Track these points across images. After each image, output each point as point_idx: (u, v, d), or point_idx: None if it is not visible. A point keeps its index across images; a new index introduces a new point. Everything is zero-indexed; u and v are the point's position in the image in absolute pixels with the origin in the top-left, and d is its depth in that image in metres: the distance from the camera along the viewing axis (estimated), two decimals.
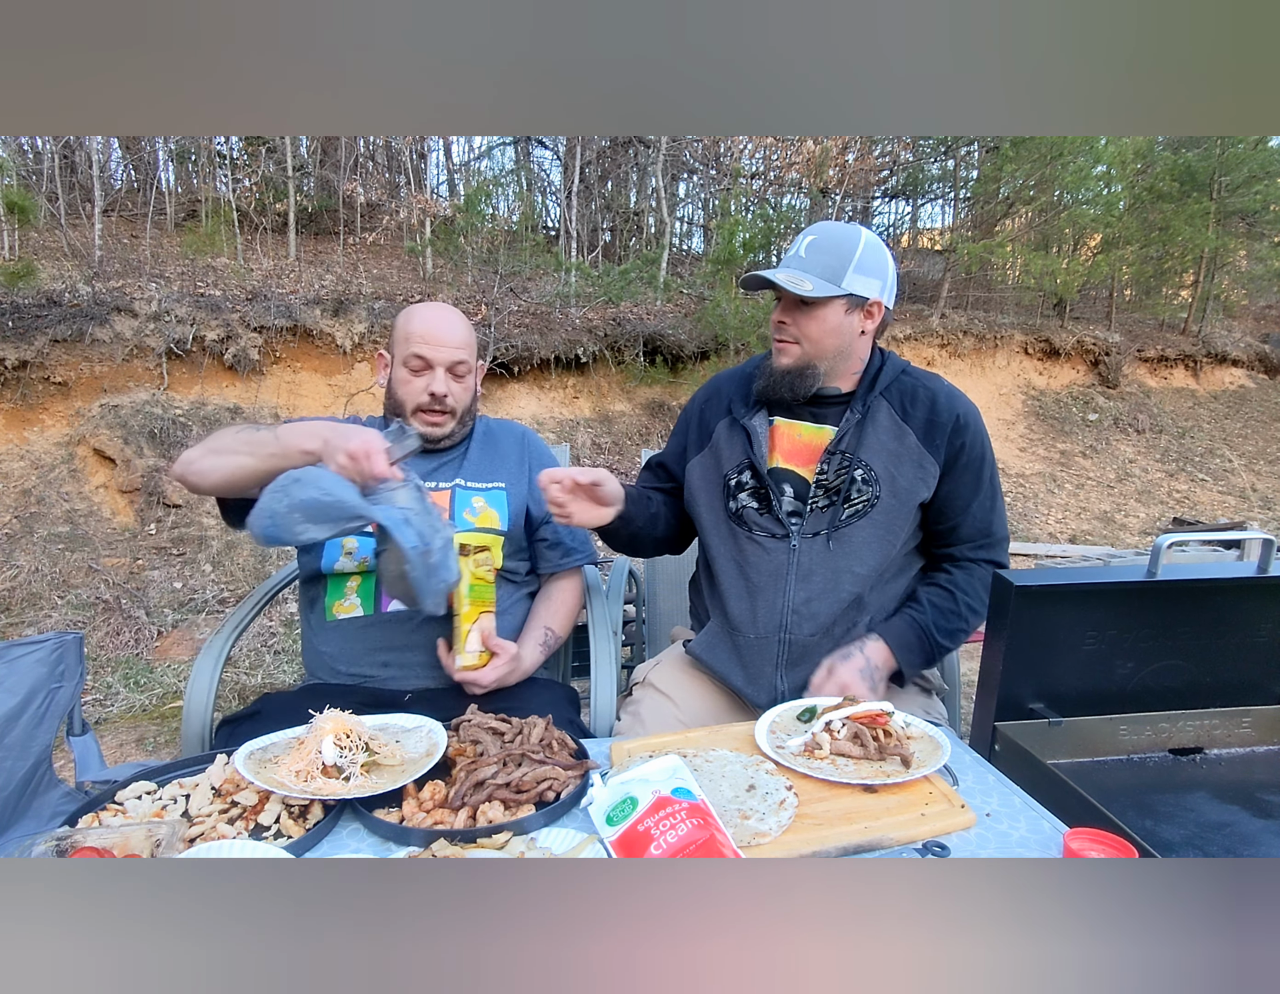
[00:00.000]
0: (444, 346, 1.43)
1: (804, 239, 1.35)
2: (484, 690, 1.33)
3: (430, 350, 1.42)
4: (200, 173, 7.16)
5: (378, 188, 7.45)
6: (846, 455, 1.35)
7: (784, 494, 1.39)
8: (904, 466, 1.34)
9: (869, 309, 1.36)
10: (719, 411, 1.50)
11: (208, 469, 1.26)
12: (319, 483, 1.12)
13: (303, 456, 1.21)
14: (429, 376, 1.43)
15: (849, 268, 1.32)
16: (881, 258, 1.36)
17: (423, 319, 1.45)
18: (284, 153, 6.66)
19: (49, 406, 4.60)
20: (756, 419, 1.42)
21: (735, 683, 1.40)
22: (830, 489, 1.35)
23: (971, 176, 9.60)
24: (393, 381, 1.47)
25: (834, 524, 1.34)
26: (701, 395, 1.57)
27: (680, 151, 9.01)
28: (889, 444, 1.35)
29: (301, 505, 1.10)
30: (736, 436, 1.44)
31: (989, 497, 1.39)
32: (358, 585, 1.42)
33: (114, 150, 7.17)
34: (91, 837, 0.86)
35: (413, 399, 1.44)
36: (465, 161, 9.25)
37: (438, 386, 1.43)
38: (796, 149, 8.17)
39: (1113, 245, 9.26)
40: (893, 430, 1.36)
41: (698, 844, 0.80)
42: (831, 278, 1.31)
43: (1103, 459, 8.09)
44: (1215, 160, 9.25)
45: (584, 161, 8.20)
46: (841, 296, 1.32)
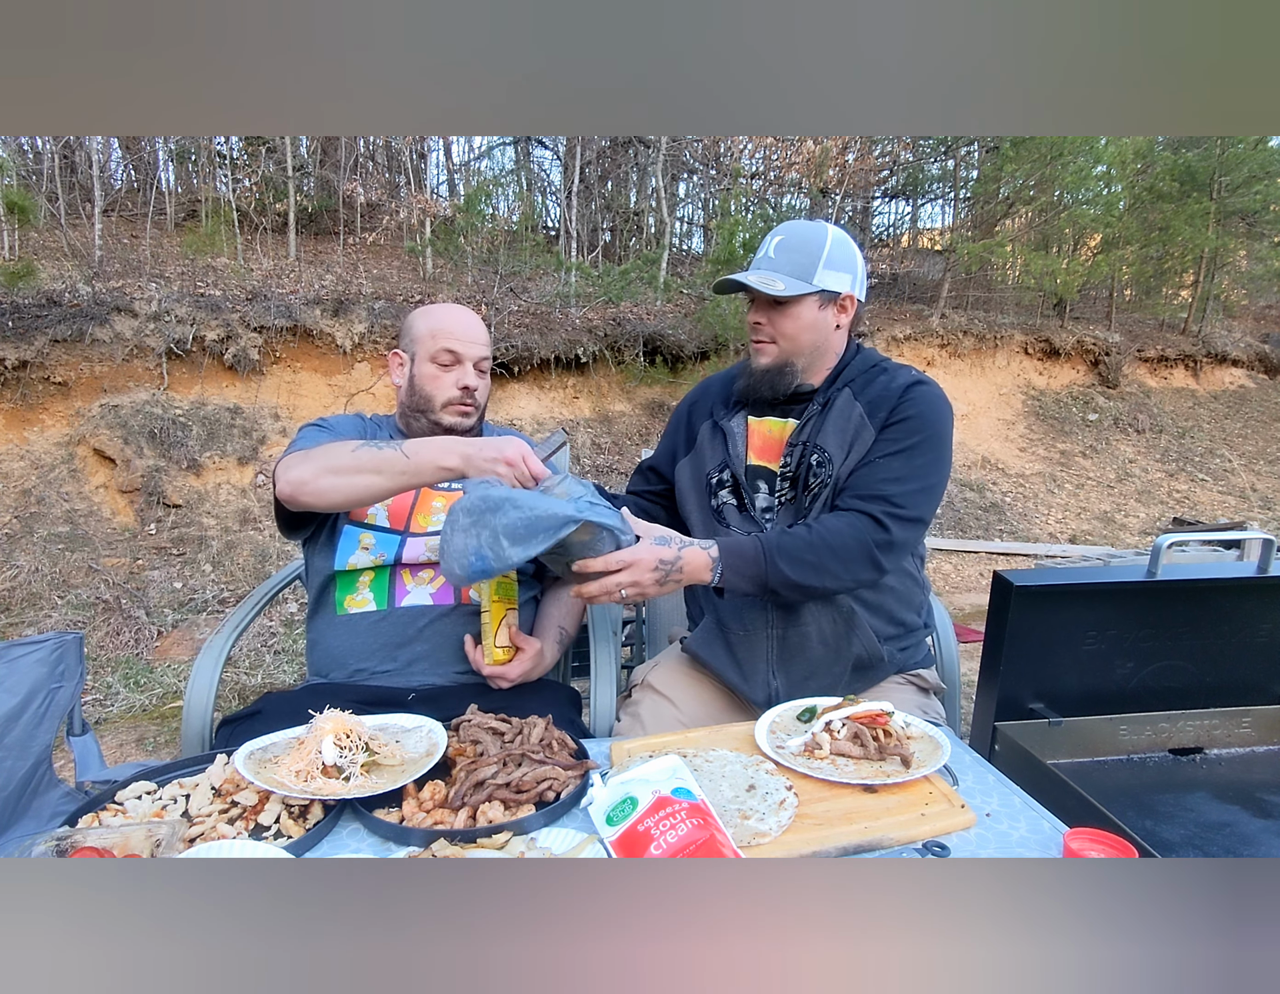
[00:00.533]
0: (473, 342, 1.48)
1: (772, 240, 1.37)
2: (510, 684, 1.34)
3: (461, 346, 1.46)
4: (200, 173, 7.16)
5: (378, 188, 7.44)
6: (806, 445, 1.36)
7: (758, 491, 1.40)
8: (849, 440, 1.33)
9: (841, 303, 1.38)
10: (703, 414, 1.52)
11: (327, 488, 1.25)
12: (514, 502, 1.06)
13: (440, 473, 1.21)
14: (459, 371, 1.47)
15: (819, 264, 1.34)
16: (849, 252, 1.38)
17: (451, 316, 1.49)
18: (284, 153, 6.66)
19: (49, 406, 4.60)
20: (735, 420, 1.45)
21: (731, 679, 1.40)
22: (792, 479, 1.36)
23: (971, 176, 9.60)
24: (417, 378, 1.49)
25: (801, 513, 1.35)
26: (690, 398, 1.59)
27: (680, 151, 9.01)
28: (840, 423, 1.35)
29: (507, 530, 1.05)
30: (716, 437, 1.46)
31: (902, 462, 1.30)
32: (370, 580, 1.43)
33: (114, 150, 7.17)
34: (91, 837, 0.86)
35: (443, 394, 1.47)
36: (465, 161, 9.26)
37: (470, 380, 1.47)
38: (796, 149, 8.17)
39: (1113, 245, 9.26)
40: (845, 411, 1.36)
41: (698, 844, 0.80)
42: (802, 275, 1.33)
43: (1103, 459, 8.09)
44: (1215, 160, 9.25)
45: (584, 161, 8.21)
46: (813, 293, 1.34)
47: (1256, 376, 10.56)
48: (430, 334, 1.47)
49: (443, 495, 1.49)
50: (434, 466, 1.21)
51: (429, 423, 1.50)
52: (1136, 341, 9.76)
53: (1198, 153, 9.44)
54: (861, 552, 1.24)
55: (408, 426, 1.55)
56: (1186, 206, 9.11)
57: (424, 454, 1.22)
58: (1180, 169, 9.17)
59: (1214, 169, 9.27)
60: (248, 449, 4.89)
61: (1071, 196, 8.70)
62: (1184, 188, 9.25)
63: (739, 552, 1.22)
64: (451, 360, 1.47)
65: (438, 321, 1.48)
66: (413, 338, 1.50)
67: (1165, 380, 9.86)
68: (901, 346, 7.71)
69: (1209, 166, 9.24)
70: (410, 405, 1.51)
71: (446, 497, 1.49)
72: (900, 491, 1.28)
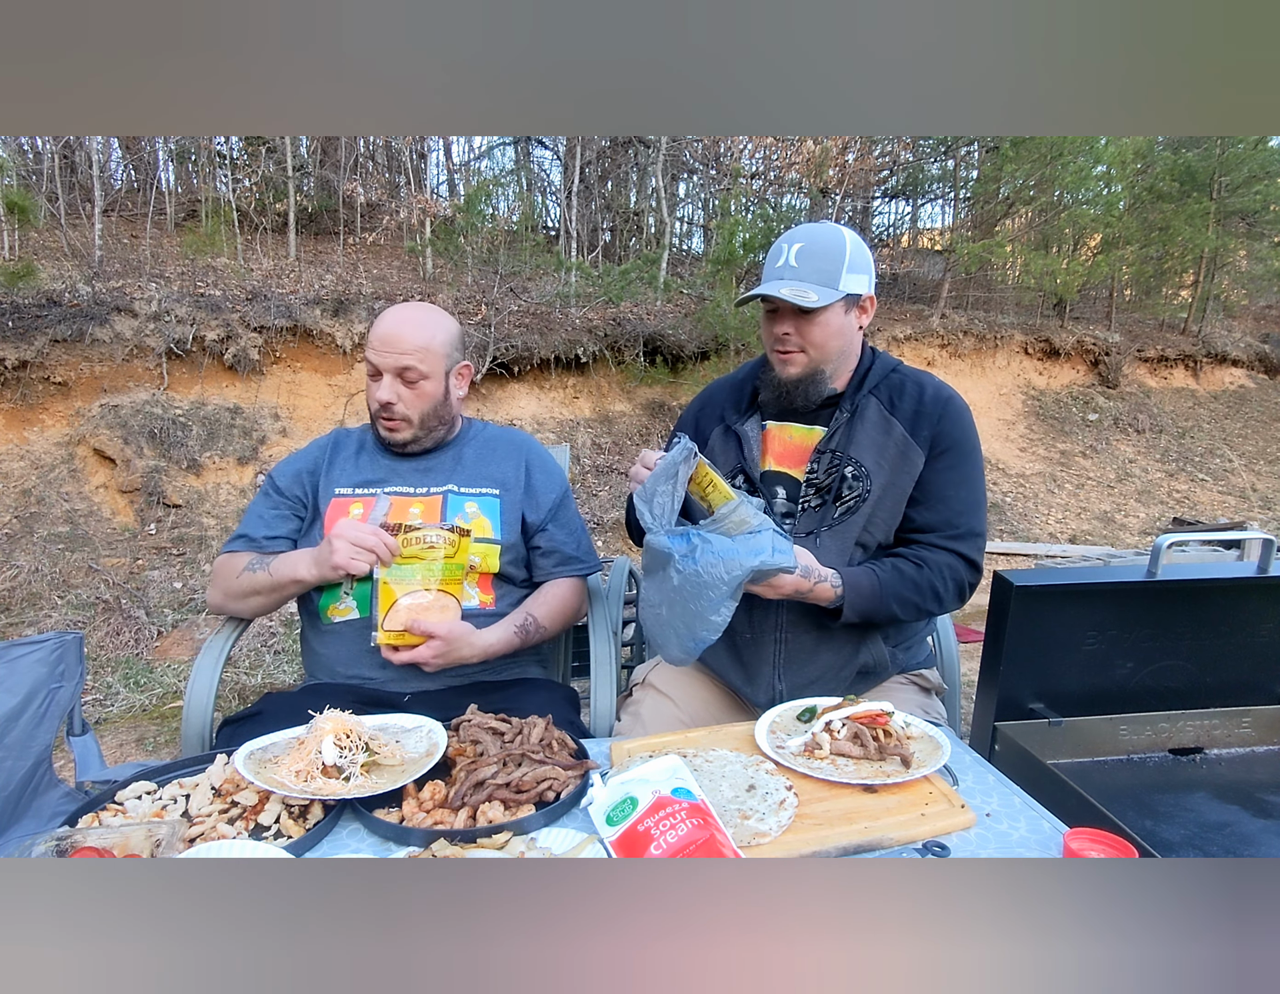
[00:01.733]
0: (390, 352, 1.40)
1: (790, 247, 1.33)
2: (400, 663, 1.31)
3: (377, 356, 1.41)
4: (200, 173, 7.16)
5: (378, 188, 7.44)
6: (836, 454, 1.35)
7: (776, 496, 1.39)
8: (892, 459, 1.34)
9: (863, 304, 1.38)
10: (713, 419, 1.50)
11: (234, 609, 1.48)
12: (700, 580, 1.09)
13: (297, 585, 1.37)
14: (378, 384, 1.43)
15: (843, 269, 1.32)
16: (866, 253, 1.38)
17: (383, 323, 1.43)
18: (284, 153, 6.65)
19: (49, 406, 4.60)
20: (749, 424, 1.43)
21: (734, 682, 1.40)
22: (821, 488, 1.35)
23: (971, 176, 9.59)
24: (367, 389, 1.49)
25: (826, 522, 1.34)
26: (696, 404, 1.59)
27: (680, 151, 9.01)
28: (877, 439, 1.35)
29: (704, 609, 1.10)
30: (730, 442, 1.44)
31: (968, 490, 1.35)
32: (353, 588, 1.42)
33: (114, 150, 7.17)
34: (91, 837, 0.86)
35: (371, 406, 1.46)
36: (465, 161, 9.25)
37: (384, 394, 1.41)
38: (796, 149, 8.16)
39: (1113, 245, 9.25)
40: (881, 425, 1.35)
41: (698, 844, 0.80)
42: (828, 282, 1.31)
43: (1103, 459, 8.09)
44: (1215, 160, 9.25)
45: (584, 161, 8.20)
46: (840, 299, 1.32)
47: (1256, 376, 10.56)
48: (369, 343, 1.44)
49: (420, 501, 1.46)
50: (290, 580, 1.35)
51: (375, 436, 1.51)
52: (1136, 341, 9.76)
53: (1198, 153, 9.44)
54: (957, 591, 1.33)
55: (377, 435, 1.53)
56: (1186, 206, 9.11)
57: (282, 570, 1.37)
58: (1180, 169, 9.17)
59: (1214, 169, 9.27)
60: (248, 449, 4.89)
61: (1071, 196, 8.69)
62: (1184, 188, 9.25)
63: (858, 588, 1.28)
64: (373, 371, 1.43)
65: (374, 329, 1.43)
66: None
67: (1165, 380, 9.86)
68: (902, 346, 7.70)
69: (1209, 166, 9.24)
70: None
71: (424, 502, 1.46)
72: (976, 521, 1.36)
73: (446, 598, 1.34)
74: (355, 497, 1.46)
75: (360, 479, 1.48)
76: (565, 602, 1.53)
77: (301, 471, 1.51)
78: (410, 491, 1.47)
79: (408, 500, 1.47)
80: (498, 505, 1.49)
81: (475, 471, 1.52)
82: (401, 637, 1.30)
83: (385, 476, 1.48)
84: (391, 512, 1.38)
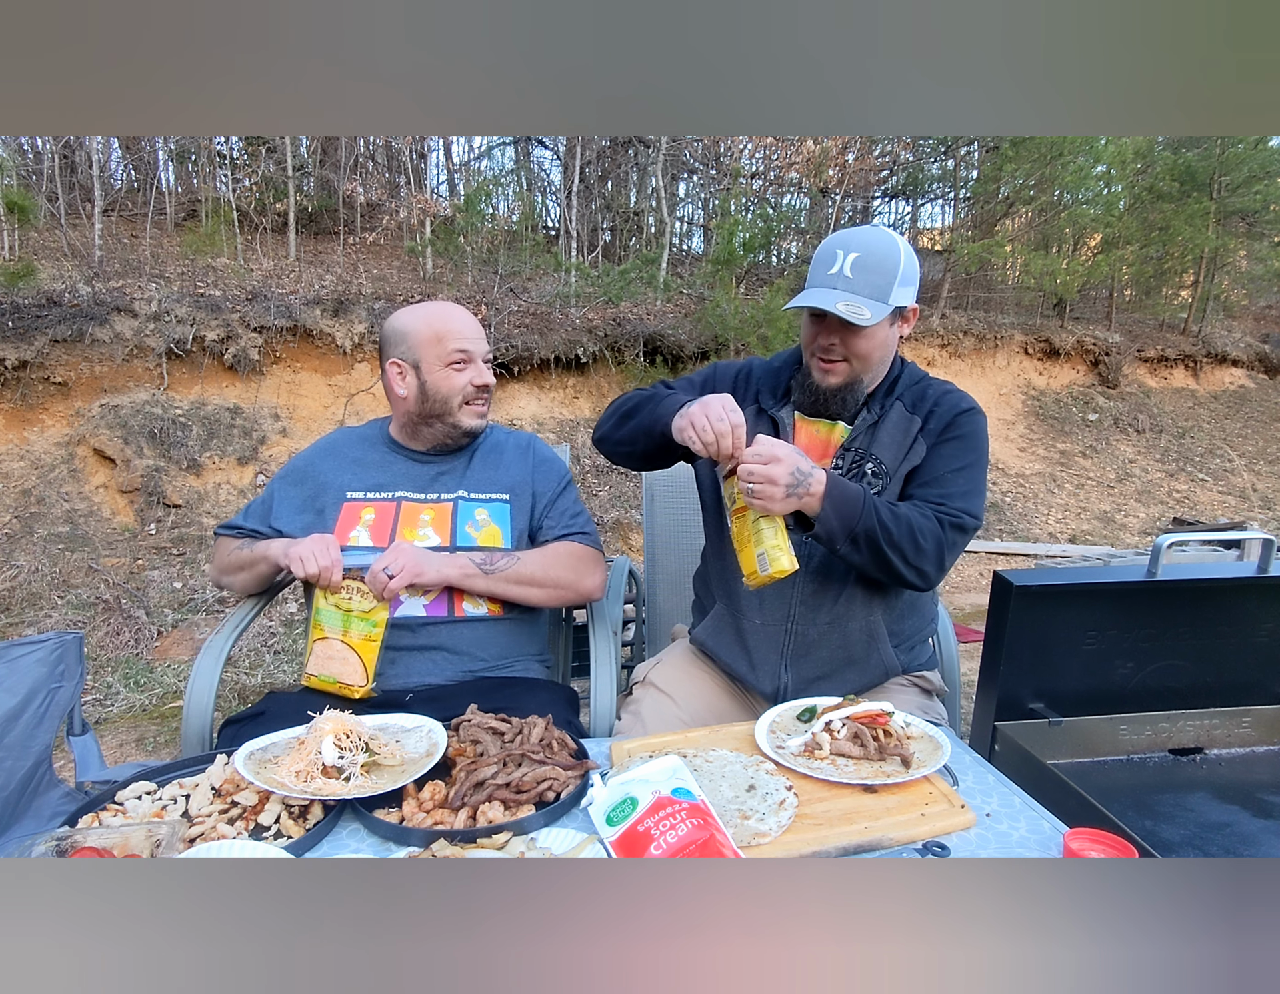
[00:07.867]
0: (479, 339, 1.51)
1: (846, 256, 1.27)
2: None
3: (471, 344, 1.48)
4: (200, 173, 7.15)
5: (378, 188, 7.43)
6: (859, 451, 1.36)
7: None
8: (904, 450, 1.35)
9: (906, 315, 1.37)
10: (747, 397, 1.46)
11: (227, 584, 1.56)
12: None
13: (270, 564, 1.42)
14: (473, 370, 1.48)
15: (895, 283, 1.28)
16: (916, 263, 1.34)
17: (453, 317, 1.49)
18: (284, 153, 6.65)
19: (49, 406, 4.60)
20: (784, 411, 1.42)
21: (739, 670, 1.40)
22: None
23: (971, 176, 9.59)
24: (429, 384, 1.46)
25: None
26: (732, 371, 1.52)
27: (680, 151, 9.00)
28: (898, 437, 1.36)
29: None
30: (763, 425, 1.41)
31: (966, 478, 1.33)
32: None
33: (114, 150, 7.16)
34: (91, 837, 0.86)
35: (459, 394, 1.47)
36: (465, 161, 9.24)
37: (487, 377, 1.51)
38: (796, 149, 8.15)
39: (1113, 245, 9.25)
40: (901, 424, 1.37)
41: (698, 844, 0.80)
42: (880, 296, 1.27)
43: (1103, 459, 8.08)
44: (1215, 160, 9.24)
45: (584, 161, 8.20)
46: (889, 313, 1.29)
47: (1256, 376, 10.55)
48: (435, 338, 1.45)
49: (431, 507, 1.46)
50: (262, 557, 1.42)
51: (447, 426, 1.49)
52: (1136, 341, 9.75)
53: (1198, 153, 9.43)
54: (935, 546, 1.26)
55: (416, 433, 1.52)
56: (1186, 206, 9.10)
57: (259, 548, 1.44)
58: (1180, 169, 9.16)
59: (1214, 169, 9.26)
60: (248, 449, 4.89)
61: (1071, 196, 8.68)
62: (1184, 188, 9.23)
63: (844, 487, 1.22)
64: (464, 360, 1.47)
65: (441, 324, 1.46)
66: (412, 345, 1.46)
67: (1165, 380, 9.85)
68: (902, 346, 7.67)
69: (1209, 166, 9.23)
70: (422, 413, 1.48)
71: (435, 509, 1.46)
72: (970, 505, 1.32)
73: (351, 654, 1.34)
74: (367, 501, 1.46)
75: (372, 482, 1.49)
76: (559, 557, 1.48)
77: (307, 468, 1.53)
78: (421, 498, 1.47)
79: (418, 507, 1.46)
80: (508, 511, 1.50)
81: (485, 477, 1.52)
82: (321, 683, 1.33)
83: (397, 481, 1.49)
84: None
